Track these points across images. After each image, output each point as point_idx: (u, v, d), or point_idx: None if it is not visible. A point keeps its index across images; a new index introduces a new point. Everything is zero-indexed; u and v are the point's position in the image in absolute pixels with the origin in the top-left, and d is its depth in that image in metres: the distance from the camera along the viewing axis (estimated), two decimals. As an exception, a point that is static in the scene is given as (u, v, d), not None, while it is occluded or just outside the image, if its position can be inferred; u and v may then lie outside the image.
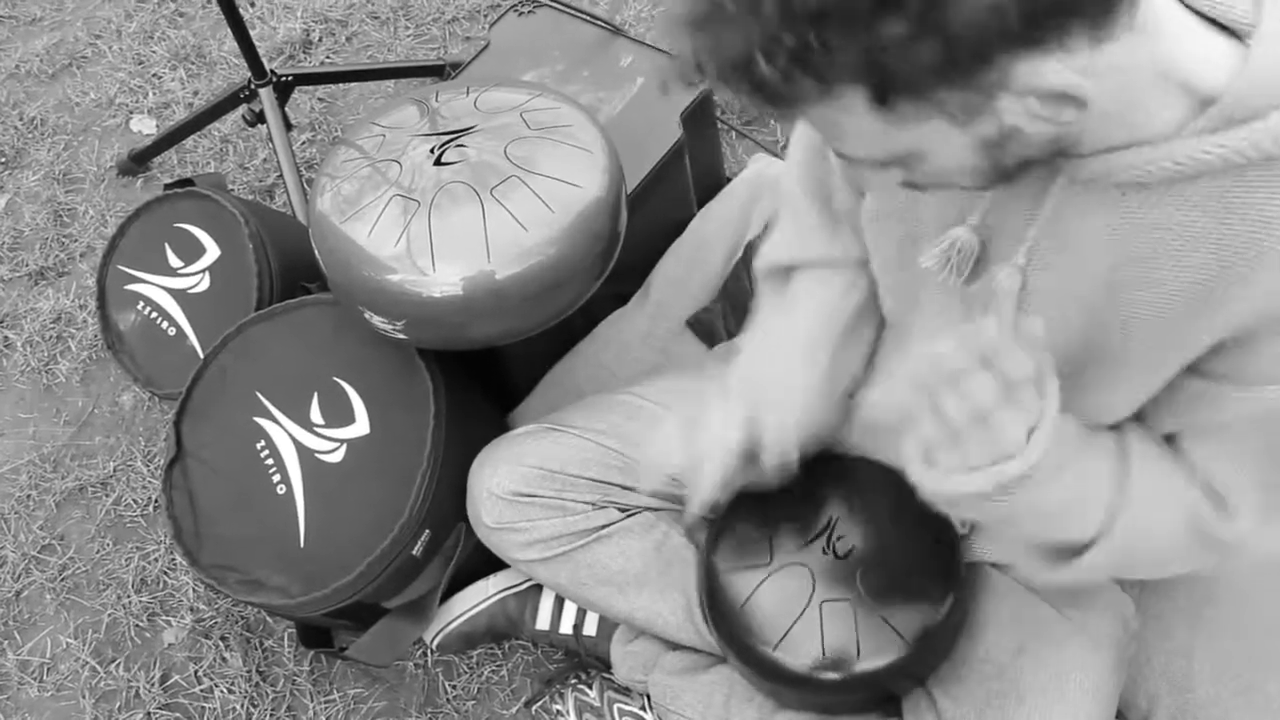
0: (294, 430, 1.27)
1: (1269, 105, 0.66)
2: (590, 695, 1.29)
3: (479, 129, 1.21)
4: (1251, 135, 0.66)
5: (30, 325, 1.82)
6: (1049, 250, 0.78)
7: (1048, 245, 0.78)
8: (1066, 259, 0.78)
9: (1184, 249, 0.72)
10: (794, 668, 0.99)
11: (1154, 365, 0.80)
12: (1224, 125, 0.67)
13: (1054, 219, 0.77)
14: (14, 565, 1.57)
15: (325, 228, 1.19)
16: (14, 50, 2.24)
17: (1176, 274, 0.74)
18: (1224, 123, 0.67)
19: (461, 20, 2.12)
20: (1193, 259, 0.72)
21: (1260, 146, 0.66)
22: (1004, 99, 0.62)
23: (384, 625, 1.28)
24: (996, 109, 0.62)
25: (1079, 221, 0.76)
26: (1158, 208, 0.72)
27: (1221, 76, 0.67)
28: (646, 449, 1.09)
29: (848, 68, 0.58)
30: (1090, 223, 0.75)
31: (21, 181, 2.02)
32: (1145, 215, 0.73)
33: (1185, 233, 0.72)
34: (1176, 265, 0.73)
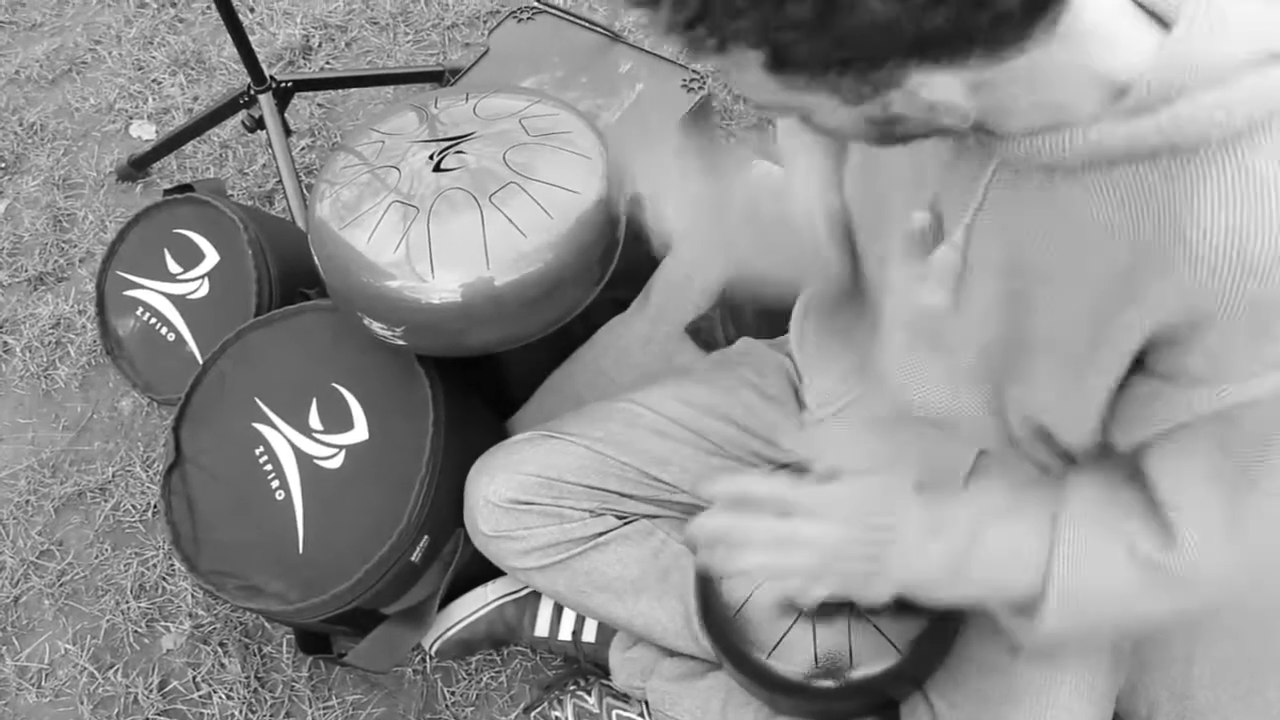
0: (293, 436, 1.27)
1: (1180, 94, 0.66)
2: (589, 701, 1.29)
3: (478, 135, 1.21)
4: (1157, 123, 0.66)
5: (29, 331, 1.82)
6: (991, 231, 0.79)
7: (987, 225, 0.79)
8: (1003, 241, 0.78)
9: (1105, 241, 0.72)
10: (787, 675, 0.99)
11: (1090, 360, 0.79)
12: (1136, 111, 0.67)
13: (992, 200, 0.77)
14: (12, 571, 1.57)
15: (324, 234, 1.19)
16: (14, 56, 2.24)
17: (1100, 266, 0.74)
18: (1136, 109, 0.67)
19: (461, 26, 2.13)
20: (1112, 251, 0.72)
21: (1164, 132, 0.66)
22: (892, 94, 0.63)
23: (383, 631, 1.28)
24: (884, 99, 0.64)
25: (1013, 204, 0.76)
26: (1084, 195, 0.72)
27: (1140, 66, 0.67)
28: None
29: (746, 33, 0.59)
30: (1023, 207, 0.76)
31: (21, 187, 2.02)
32: (1070, 204, 0.73)
33: (1107, 224, 0.72)
34: (1100, 257, 0.73)
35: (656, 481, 1.16)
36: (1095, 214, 0.72)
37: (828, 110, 0.67)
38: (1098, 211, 0.72)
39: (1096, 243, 0.73)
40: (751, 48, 0.60)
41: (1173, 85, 0.66)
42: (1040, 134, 0.70)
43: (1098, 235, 0.73)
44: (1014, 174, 0.75)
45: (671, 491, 1.16)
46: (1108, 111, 0.68)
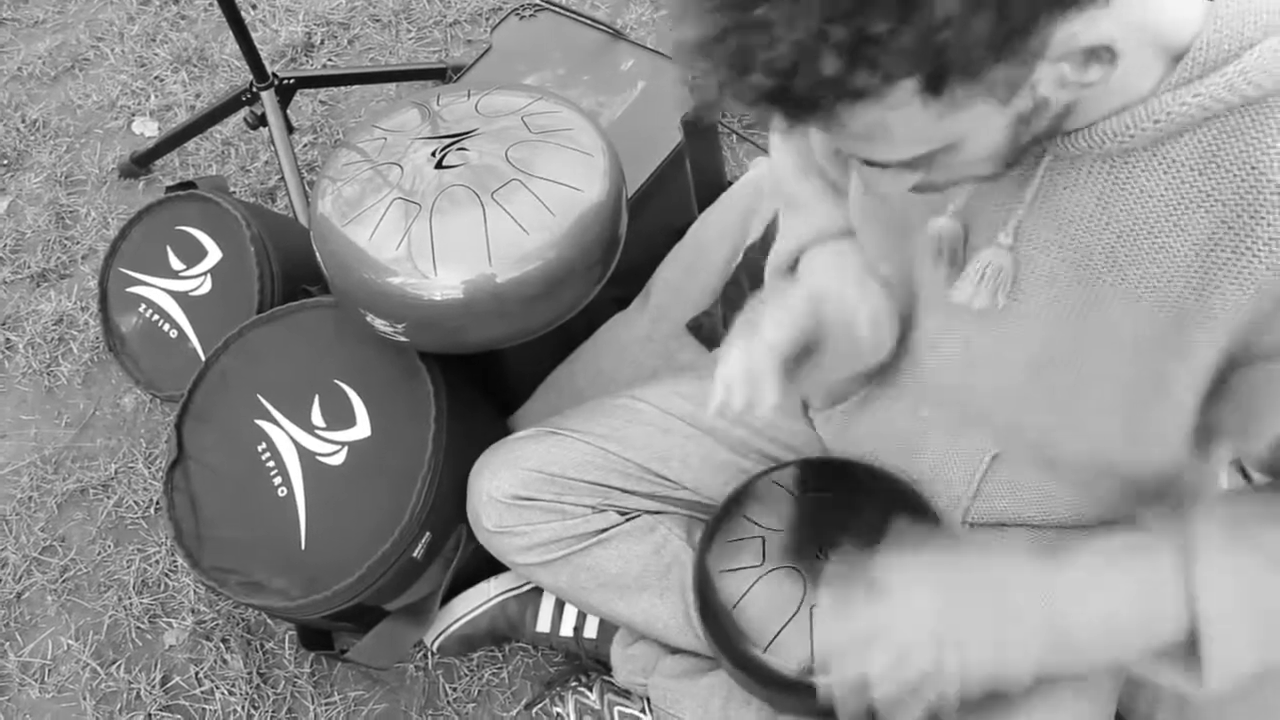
0: (295, 433, 1.27)
1: (1240, 46, 0.65)
2: (590, 698, 1.29)
3: (480, 132, 1.21)
4: (1225, 79, 0.65)
5: (32, 327, 1.82)
6: (1041, 228, 0.78)
7: (1039, 224, 0.78)
8: (1060, 237, 0.77)
9: (1179, 213, 0.71)
10: (783, 671, 0.99)
11: (1177, 345, 0.76)
12: (1198, 74, 0.66)
13: (1043, 197, 0.76)
14: (15, 567, 1.57)
15: (326, 230, 1.19)
16: (16, 53, 2.24)
17: (1179, 240, 0.71)
18: (1198, 71, 0.66)
19: (463, 23, 2.13)
20: (1191, 222, 0.71)
21: (1236, 88, 0.65)
22: (1042, 68, 0.61)
23: (385, 627, 1.28)
24: (1034, 81, 0.62)
25: (1069, 197, 0.75)
26: (1145, 173, 0.71)
27: (1190, 31, 0.66)
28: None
29: (905, 55, 0.55)
30: (1080, 197, 0.75)
31: (24, 184, 2.02)
32: (1133, 183, 0.72)
33: (1176, 196, 0.71)
34: (1176, 230, 0.71)
35: (658, 477, 1.16)
36: (1167, 187, 0.70)
37: (982, 125, 0.64)
38: (1169, 184, 0.70)
39: (1170, 216, 0.71)
40: (910, 72, 0.56)
41: (1234, 38, 0.65)
42: (1099, 122, 0.69)
43: (1171, 209, 0.71)
44: (1068, 168, 0.74)
45: (673, 488, 1.16)
46: (1168, 80, 0.67)
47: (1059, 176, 0.75)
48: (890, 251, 0.93)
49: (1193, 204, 0.70)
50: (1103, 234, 0.75)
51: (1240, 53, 0.65)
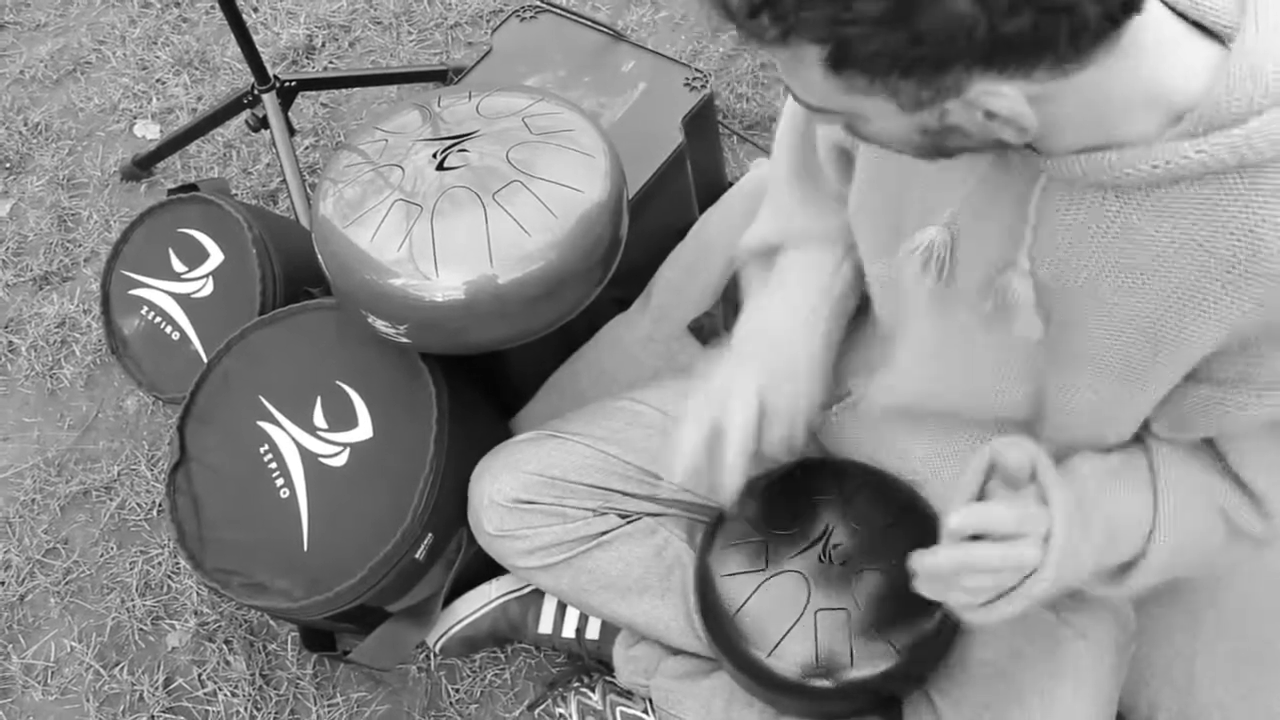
0: (297, 434, 1.27)
1: (1249, 111, 0.66)
2: (593, 699, 1.29)
3: (481, 134, 1.21)
4: (1229, 141, 0.66)
5: (34, 330, 1.82)
6: (1038, 249, 0.79)
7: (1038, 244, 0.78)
8: (1053, 259, 0.78)
9: (1168, 258, 0.72)
10: (785, 674, 0.99)
11: (1148, 373, 0.80)
12: (1203, 130, 0.67)
13: (1040, 219, 0.77)
14: (18, 569, 1.58)
15: (328, 232, 1.19)
16: (19, 56, 2.25)
17: (1164, 282, 0.74)
18: (1203, 128, 0.67)
19: (464, 25, 2.13)
20: (1178, 268, 0.72)
21: (1238, 152, 0.66)
22: (952, 102, 0.62)
23: (387, 629, 1.29)
24: (942, 107, 0.63)
25: (1061, 220, 0.76)
26: (1137, 213, 0.72)
27: (1200, 85, 0.67)
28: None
29: (812, 25, 0.58)
30: (1071, 222, 0.75)
31: (26, 186, 2.02)
32: (1126, 220, 0.73)
33: (1168, 241, 0.72)
34: (1162, 274, 0.73)
35: (659, 480, 1.16)
36: (1158, 230, 0.72)
37: (881, 117, 0.66)
38: (1160, 228, 0.72)
39: (1159, 259, 0.73)
40: (814, 42, 0.59)
41: (1243, 101, 0.66)
42: (1096, 151, 0.70)
43: (1160, 251, 0.73)
44: (1064, 191, 0.75)
45: (674, 490, 1.16)
46: (1172, 130, 0.68)
47: (1054, 199, 0.76)
48: (880, 250, 0.94)
49: (1184, 250, 0.72)
50: (1088, 262, 0.76)
51: (1248, 117, 0.66)
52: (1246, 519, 0.88)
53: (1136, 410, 0.85)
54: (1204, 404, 0.81)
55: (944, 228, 0.83)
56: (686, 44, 1.98)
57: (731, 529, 1.07)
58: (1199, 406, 0.81)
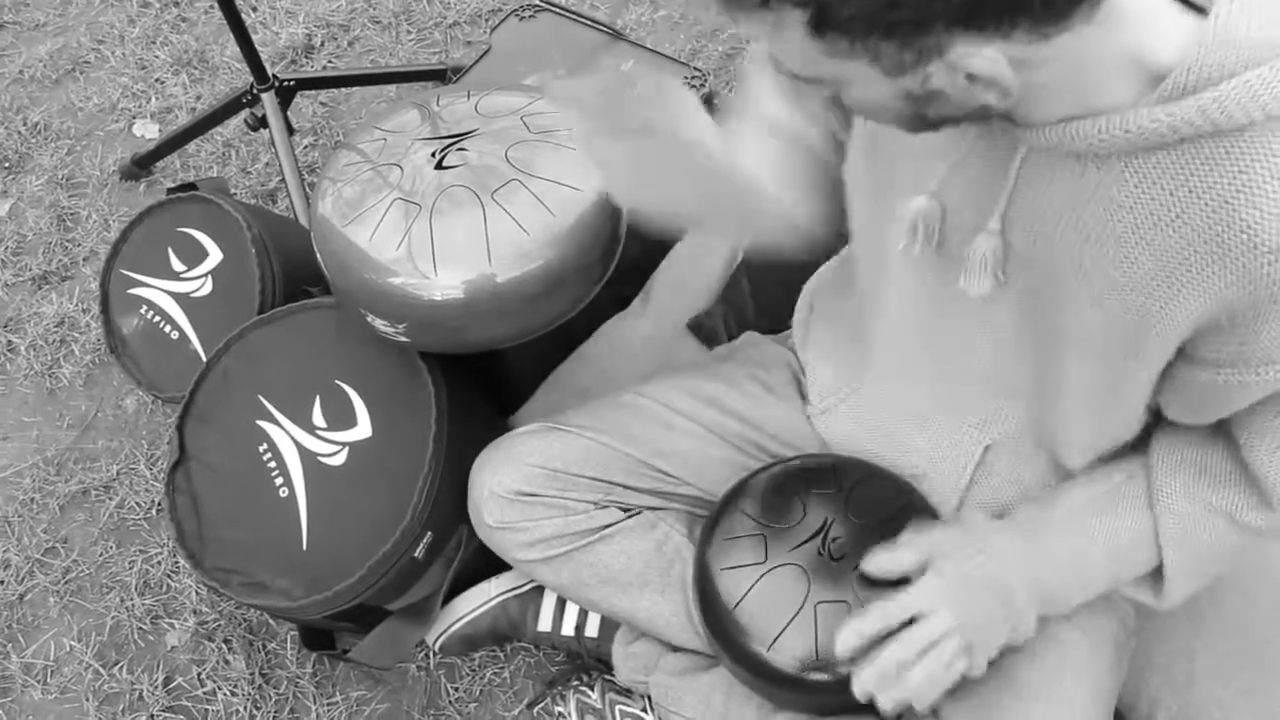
0: (296, 433, 1.27)
1: (1220, 75, 0.65)
2: (592, 697, 1.29)
3: (480, 132, 1.21)
4: (1199, 105, 0.66)
5: (34, 329, 1.82)
6: (1020, 217, 0.79)
7: (1019, 212, 0.79)
8: (1037, 228, 0.79)
9: (1148, 229, 0.72)
10: (784, 668, 0.99)
11: (1140, 348, 0.79)
12: (1176, 96, 0.67)
13: (1021, 188, 0.77)
14: (17, 568, 1.58)
15: (327, 231, 1.19)
16: (17, 56, 2.25)
17: (1145, 253, 0.73)
18: (1176, 93, 0.67)
19: (463, 24, 2.13)
20: (1158, 239, 0.72)
21: (1208, 114, 0.66)
22: (934, 65, 0.62)
23: (386, 628, 1.29)
24: (924, 71, 0.63)
25: (1043, 191, 0.76)
26: (1117, 183, 0.72)
27: (1176, 52, 0.67)
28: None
29: None
30: (1053, 194, 0.76)
31: (25, 186, 2.02)
32: (1105, 191, 0.73)
33: (1147, 213, 0.72)
34: (1143, 244, 0.73)
35: (660, 473, 1.16)
36: (1136, 201, 0.72)
37: (865, 82, 0.66)
38: (1139, 199, 0.72)
39: (1139, 230, 0.73)
40: (795, 5, 0.59)
41: (1216, 67, 0.65)
42: (1073, 120, 0.70)
43: (1139, 222, 0.72)
44: (1045, 161, 0.75)
45: (676, 484, 1.16)
46: (1146, 97, 0.68)
47: (1035, 169, 0.76)
48: (870, 222, 0.95)
49: (1162, 222, 0.72)
50: (1071, 234, 0.77)
51: (1219, 81, 0.66)
52: (1251, 516, 0.89)
53: (1134, 391, 0.85)
54: (1208, 389, 0.81)
55: (931, 196, 0.83)
56: (685, 43, 1.98)
57: (730, 522, 1.07)
58: (1204, 391, 0.82)
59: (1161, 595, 0.95)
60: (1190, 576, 0.93)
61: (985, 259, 0.82)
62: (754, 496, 1.08)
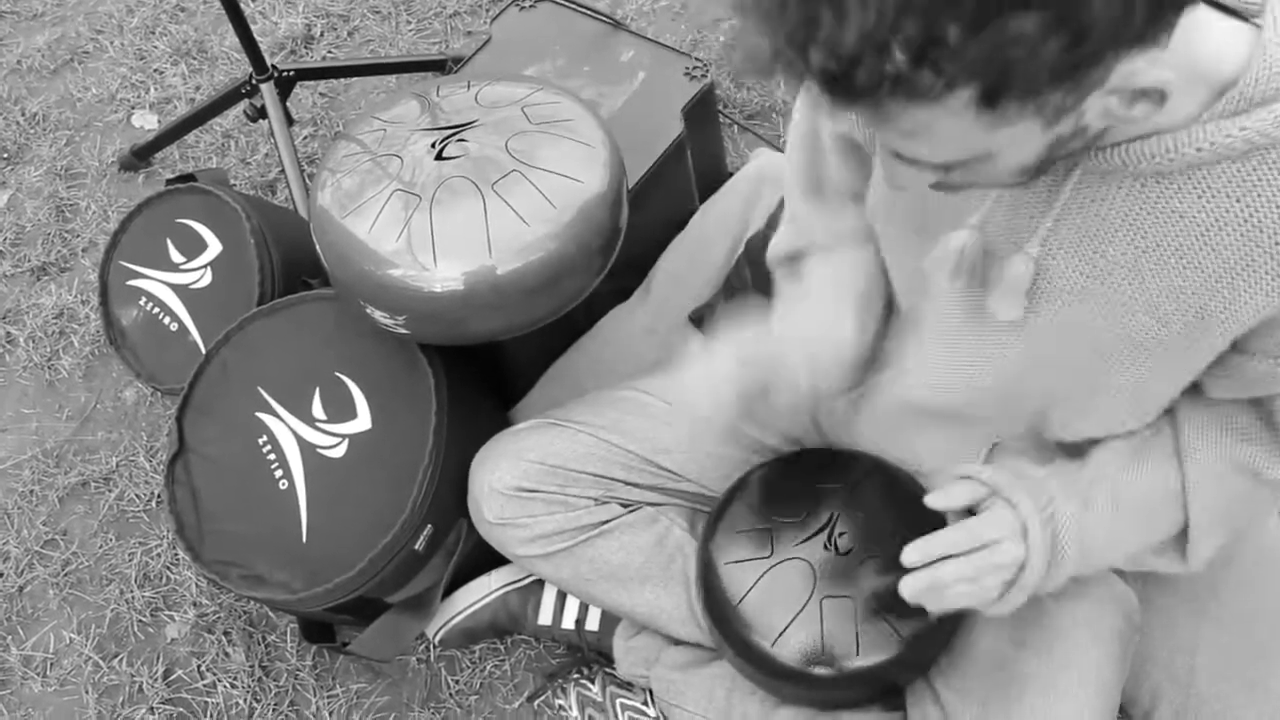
0: (296, 425, 1.27)
1: None
2: (592, 690, 1.29)
3: (480, 123, 1.21)
4: (1273, 115, 0.67)
5: (33, 321, 1.82)
6: (1068, 240, 0.78)
7: (1066, 235, 0.78)
8: (1086, 249, 0.78)
9: (1212, 234, 0.73)
10: (787, 662, 0.99)
11: (1196, 346, 0.80)
12: (1244, 108, 0.67)
13: (1071, 210, 0.77)
14: (17, 560, 1.57)
15: (326, 222, 1.19)
16: (15, 45, 2.24)
17: (1208, 258, 0.74)
18: (1244, 106, 0.67)
19: (463, 15, 2.12)
20: (1222, 243, 0.73)
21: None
22: (1094, 97, 0.60)
23: (386, 620, 1.28)
24: (1083, 109, 0.61)
25: (1096, 211, 0.76)
26: (1178, 196, 0.72)
27: (1235, 63, 0.68)
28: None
29: (972, 64, 0.53)
30: (1108, 212, 0.76)
31: (23, 177, 2.02)
32: (1166, 204, 0.73)
33: (1211, 220, 0.72)
34: (1208, 249, 0.74)
35: (661, 469, 1.15)
36: (1200, 210, 0.72)
37: (1019, 143, 0.63)
38: (1203, 207, 0.72)
39: (1203, 237, 0.73)
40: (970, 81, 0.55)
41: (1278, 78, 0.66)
42: (1138, 140, 0.69)
43: (1204, 230, 0.73)
44: (1099, 182, 0.74)
45: (675, 479, 1.16)
46: (1211, 110, 0.68)
47: (1087, 190, 0.76)
48: (905, 254, 0.93)
49: (1228, 226, 0.72)
50: (1127, 248, 0.76)
51: None
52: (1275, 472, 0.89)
53: (1176, 387, 0.86)
54: (1260, 376, 0.82)
55: (974, 230, 0.81)
56: (686, 33, 1.97)
57: (735, 516, 1.07)
58: (1256, 379, 0.82)
59: (1186, 555, 0.94)
60: (1213, 535, 0.93)
61: (1019, 282, 0.80)
62: (759, 490, 1.08)
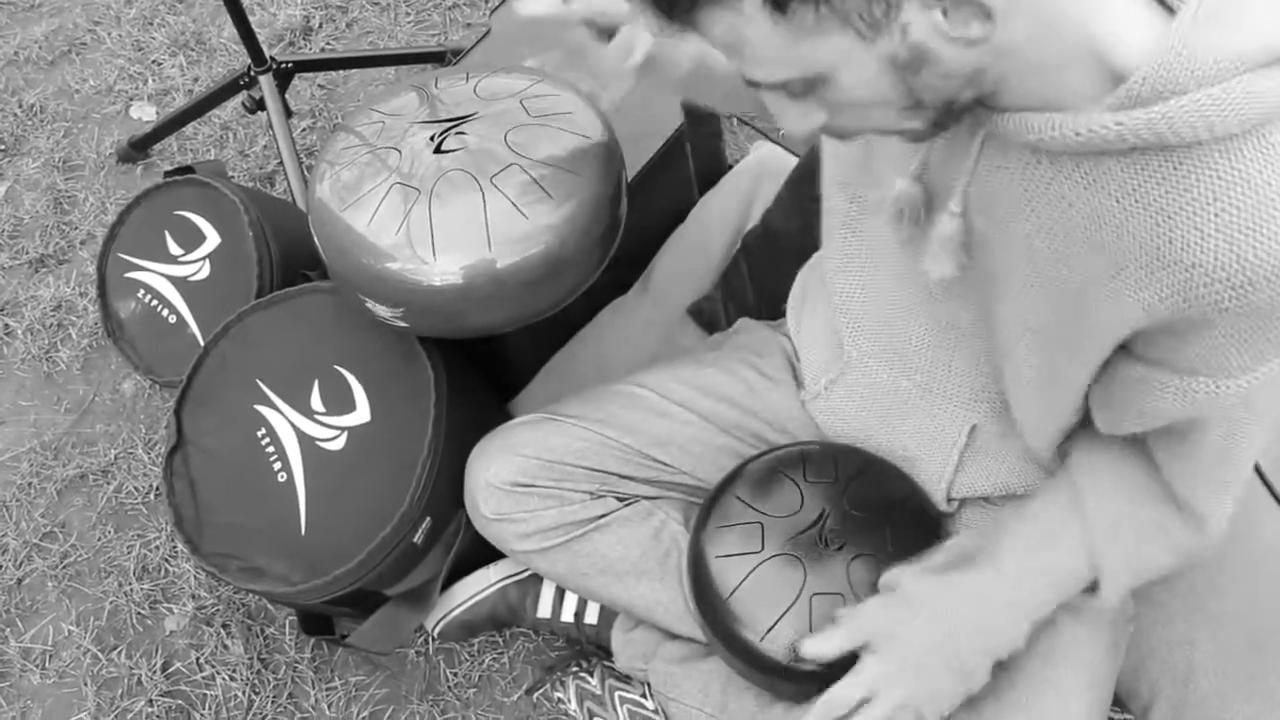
0: (295, 418, 1.26)
1: (1173, 90, 0.64)
2: (591, 683, 1.29)
3: (479, 116, 1.20)
4: (1149, 119, 0.64)
5: (31, 313, 1.82)
6: (980, 202, 0.79)
7: (977, 199, 0.79)
8: (993, 215, 0.79)
9: (1092, 230, 0.72)
10: (776, 657, 0.99)
11: (1077, 340, 0.79)
12: (1128, 105, 0.65)
13: (980, 172, 0.77)
14: (15, 553, 1.57)
15: (325, 215, 1.18)
16: (13, 37, 2.23)
17: (1088, 254, 0.73)
18: (1129, 102, 0.65)
19: (462, 6, 2.11)
20: (1102, 241, 0.71)
21: (1156, 129, 0.64)
22: (910, 8, 0.60)
23: (385, 613, 1.28)
24: (902, 22, 0.61)
25: (996, 177, 0.76)
26: (1067, 182, 0.71)
27: (1138, 54, 0.65)
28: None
29: None
30: (1006, 181, 0.75)
31: (21, 169, 2.01)
32: (1056, 188, 0.72)
33: (1092, 213, 0.71)
34: (1087, 245, 0.73)
35: (657, 463, 1.15)
36: (1085, 202, 0.71)
37: (845, 60, 0.63)
38: (1087, 200, 0.71)
39: (1082, 229, 0.72)
40: None
41: (1168, 80, 0.64)
42: (1029, 113, 0.69)
43: (1086, 222, 0.72)
44: (1001, 148, 0.74)
45: (672, 473, 1.16)
46: (1100, 101, 0.66)
47: (991, 155, 0.76)
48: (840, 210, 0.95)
49: (1107, 226, 0.71)
50: (1023, 223, 0.76)
51: (1171, 96, 0.64)
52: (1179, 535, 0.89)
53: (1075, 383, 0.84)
54: (1133, 383, 0.79)
55: (913, 179, 0.83)
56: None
57: (726, 509, 1.07)
58: (1128, 384, 0.80)
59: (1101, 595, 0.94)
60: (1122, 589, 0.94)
61: (948, 240, 0.81)
62: (750, 483, 1.08)
